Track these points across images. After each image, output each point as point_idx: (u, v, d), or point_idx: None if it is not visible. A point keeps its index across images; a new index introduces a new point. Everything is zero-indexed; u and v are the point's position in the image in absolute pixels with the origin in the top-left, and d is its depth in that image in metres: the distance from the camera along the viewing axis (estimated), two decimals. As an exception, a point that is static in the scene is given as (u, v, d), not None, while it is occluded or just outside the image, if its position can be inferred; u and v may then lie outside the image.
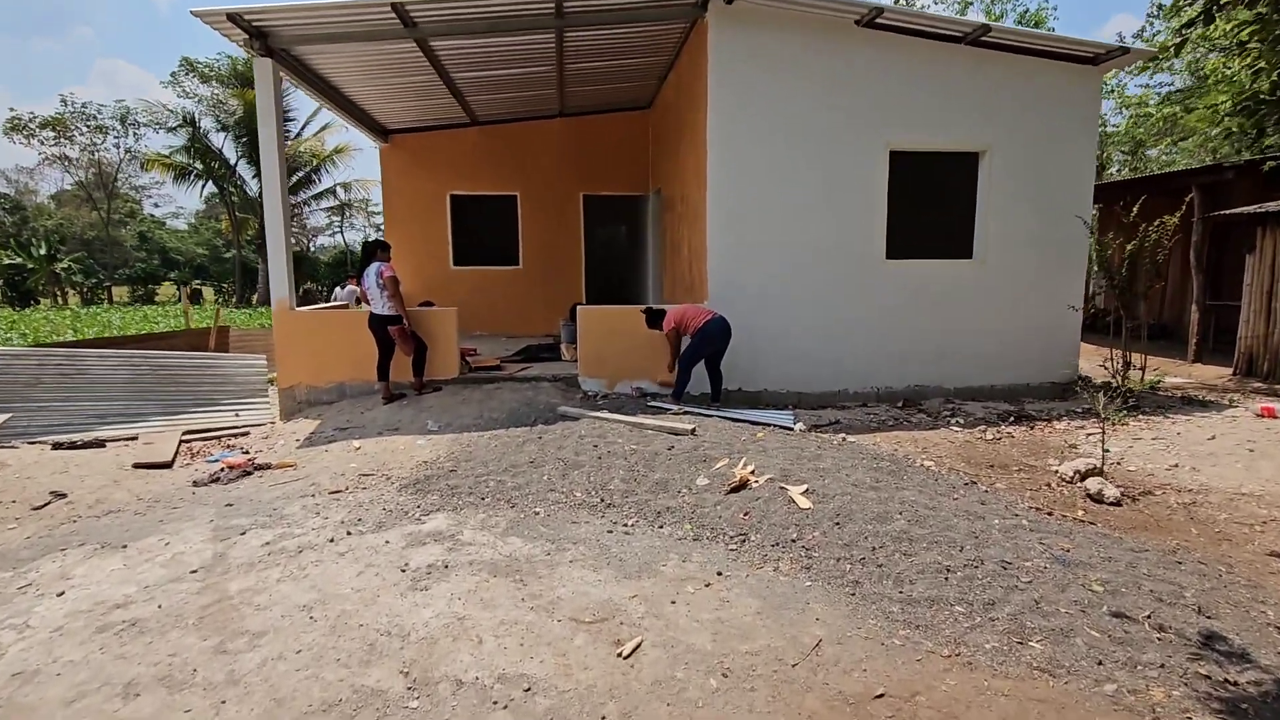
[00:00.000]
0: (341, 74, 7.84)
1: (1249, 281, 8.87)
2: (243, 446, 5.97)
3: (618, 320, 7.07)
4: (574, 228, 11.22)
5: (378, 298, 6.38)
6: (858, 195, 7.12)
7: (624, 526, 4.01)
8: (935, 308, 7.36)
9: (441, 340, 6.90)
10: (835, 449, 5.24)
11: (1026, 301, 7.48)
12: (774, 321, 7.12)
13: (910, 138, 7.10)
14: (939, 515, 3.85)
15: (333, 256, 33.61)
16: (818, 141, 6.98)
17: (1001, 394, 7.55)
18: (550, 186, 11.05)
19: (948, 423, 6.54)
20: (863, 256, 7.21)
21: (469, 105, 9.65)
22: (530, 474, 4.80)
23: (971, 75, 7.08)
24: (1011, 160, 7.25)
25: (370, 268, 6.41)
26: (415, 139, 10.79)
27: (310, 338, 6.82)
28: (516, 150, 10.93)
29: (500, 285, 11.11)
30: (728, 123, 6.85)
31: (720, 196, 6.93)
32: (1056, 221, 7.41)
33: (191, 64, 26.19)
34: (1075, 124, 7.31)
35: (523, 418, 6.12)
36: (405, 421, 6.15)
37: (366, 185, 29.81)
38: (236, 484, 5.05)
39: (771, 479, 4.41)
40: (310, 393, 6.87)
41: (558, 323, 10.96)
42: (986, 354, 7.48)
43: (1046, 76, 7.19)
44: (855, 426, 6.37)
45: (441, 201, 10.97)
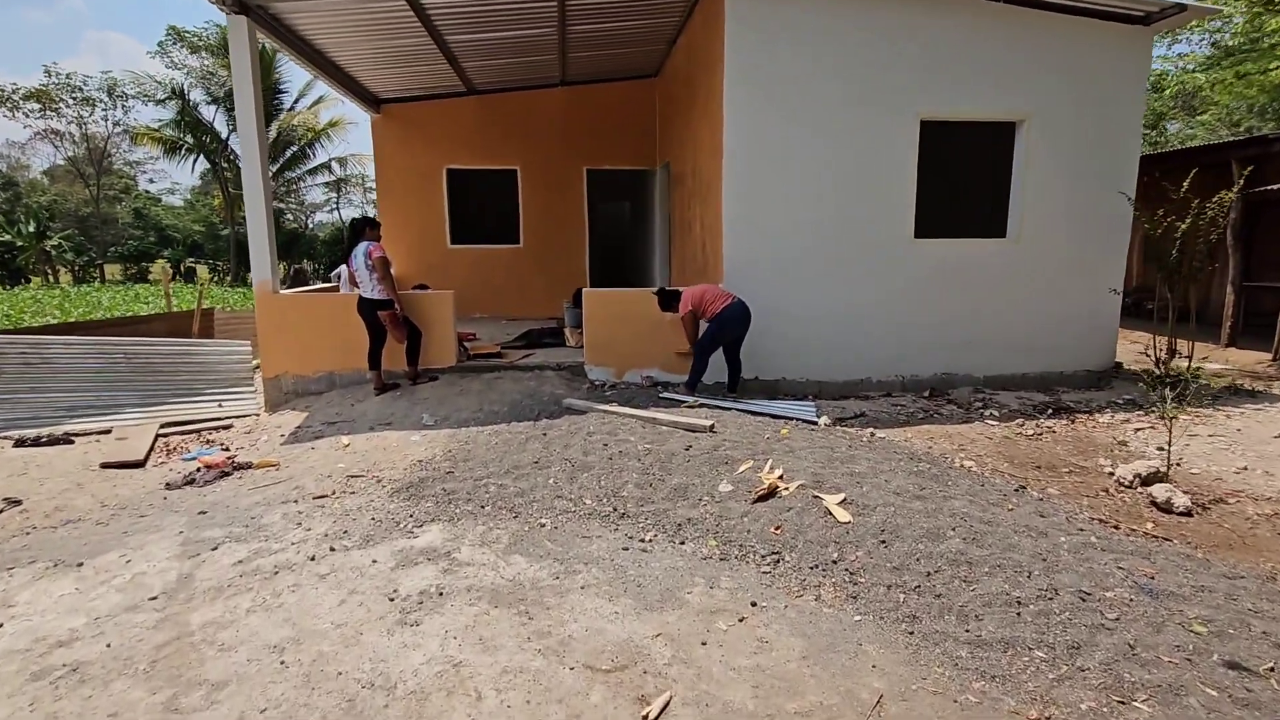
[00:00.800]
0: (326, 36, 7.25)
1: (1294, 262, 8.36)
2: (223, 442, 5.53)
3: (626, 304, 6.59)
4: (577, 204, 10.67)
5: (366, 280, 5.89)
6: (885, 169, 6.59)
7: (641, 542, 3.57)
8: (965, 290, 6.87)
9: (438, 326, 6.43)
10: (867, 448, 4.80)
11: (1063, 284, 6.98)
12: (794, 305, 6.63)
13: (943, 107, 6.55)
14: (997, 531, 3.42)
15: (330, 234, 32.96)
16: (842, 110, 6.43)
17: (1033, 383, 7.09)
18: (552, 160, 10.48)
19: (981, 415, 6.09)
20: (889, 235, 6.70)
21: (465, 72, 9.05)
22: (535, 477, 4.36)
23: (1010, 38, 6.50)
24: (1052, 131, 6.70)
25: (358, 247, 5.91)
26: (409, 109, 10.20)
27: (296, 323, 6.34)
28: (516, 122, 10.34)
29: (500, 265, 10.60)
30: (744, 89, 6.29)
31: (736, 170, 6.40)
32: (1098, 198, 6.88)
33: (179, 33, 25.30)
34: (1121, 91, 6.74)
35: (525, 411, 5.67)
36: (399, 415, 5.70)
37: (363, 160, 29.06)
38: (213, 486, 4.62)
39: (803, 486, 3.96)
40: (297, 382, 6.42)
41: (560, 304, 10.48)
42: (1019, 340, 7.01)
43: (1091, 38, 6.60)
44: (883, 420, 5.92)
45: (437, 176, 10.41)
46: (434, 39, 7.49)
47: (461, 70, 8.89)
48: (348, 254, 5.99)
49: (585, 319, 6.52)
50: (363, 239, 5.95)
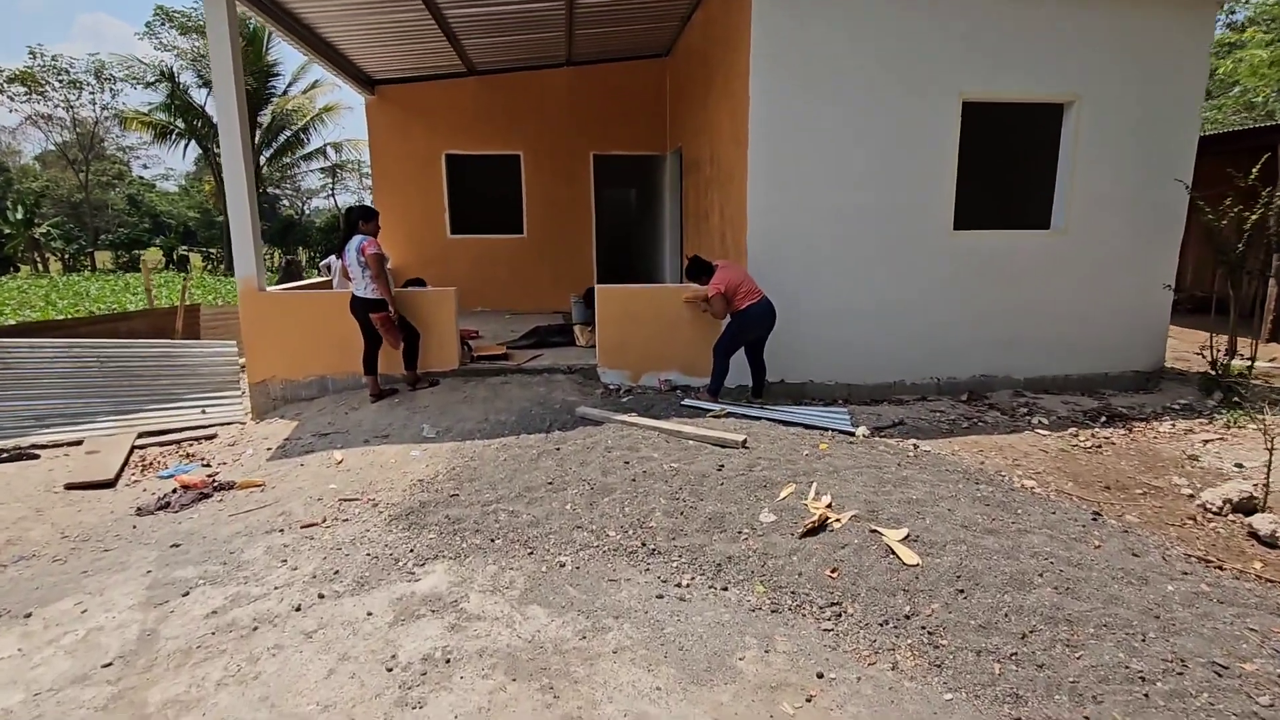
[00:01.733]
0: (314, 10, 6.68)
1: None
2: (204, 456, 5.05)
3: (643, 302, 6.09)
4: (584, 191, 10.12)
5: (359, 277, 5.39)
6: (923, 154, 6.06)
7: (677, 586, 3.10)
8: (1007, 286, 6.36)
9: (439, 326, 5.93)
10: (918, 466, 4.33)
11: (1111, 278, 6.48)
12: (823, 302, 6.13)
13: (987, 86, 6.01)
14: (1090, 577, 2.95)
15: (326, 220, 32.30)
16: (877, 90, 5.89)
17: (1077, 384, 6.62)
18: (558, 145, 9.92)
19: (1029, 422, 5.62)
20: (926, 227, 6.18)
21: (465, 51, 8.47)
22: (549, 502, 3.89)
23: (1061, 10, 5.94)
24: (1102, 113, 6.17)
25: (352, 240, 5.39)
26: (405, 91, 9.62)
27: (285, 324, 5.84)
28: (519, 104, 9.77)
29: (502, 256, 10.07)
30: (772, 67, 5.75)
31: (763, 155, 5.88)
32: (1150, 186, 6.36)
33: (168, 13, 24.52)
34: (1179, 69, 6.20)
35: (535, 421, 5.19)
36: (397, 425, 5.22)
37: (359, 145, 28.35)
38: (191, 511, 4.14)
39: (857, 517, 3.49)
40: (286, 388, 5.93)
41: (567, 298, 9.96)
42: (1063, 339, 6.52)
43: (1147, 11, 6.05)
44: (924, 429, 5.45)
45: (436, 162, 9.85)
46: (432, 14, 6.92)
47: (461, 48, 8.32)
48: (342, 246, 5.48)
49: (599, 318, 6.02)
50: (357, 232, 5.43)
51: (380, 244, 5.42)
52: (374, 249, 5.29)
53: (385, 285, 5.32)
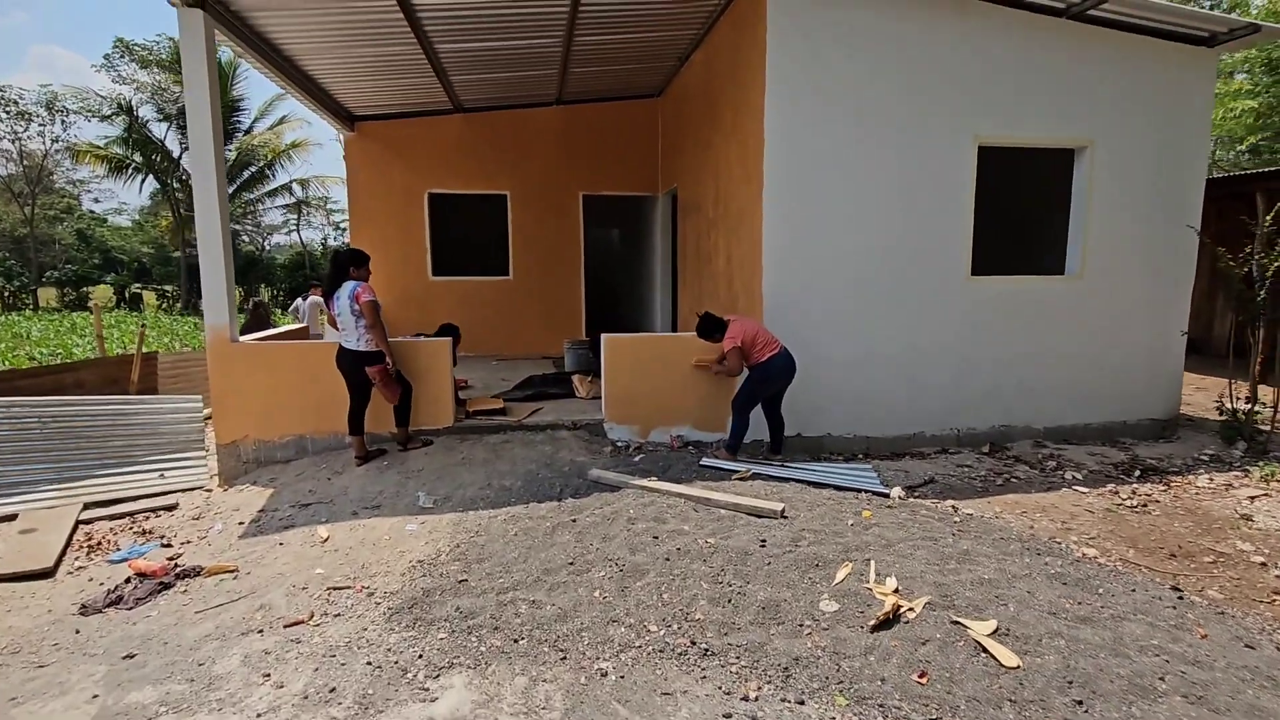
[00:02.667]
0: (297, 41, 6.28)
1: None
2: (164, 534, 4.41)
3: (652, 351, 5.70)
4: (573, 232, 9.79)
5: (351, 328, 4.88)
6: (940, 198, 5.89)
7: (745, 700, 2.64)
8: (1025, 333, 6.17)
9: (433, 379, 5.43)
10: (972, 536, 3.97)
11: (1127, 324, 6.35)
12: (841, 351, 5.84)
13: (1002, 130, 5.90)
14: (1216, 678, 2.59)
15: (290, 258, 31.37)
16: (894, 132, 5.72)
17: (1096, 434, 6.42)
18: (546, 184, 9.60)
19: (1062, 478, 5.35)
20: (944, 272, 5.98)
21: (453, 87, 8.15)
22: (575, 588, 3.40)
23: (1072, 57, 5.91)
24: (1115, 158, 6.11)
25: (343, 287, 4.90)
26: (387, 127, 9.23)
27: (259, 378, 5.27)
28: (507, 143, 9.46)
29: (488, 298, 9.62)
30: (789, 108, 5.54)
31: (780, 197, 5.62)
32: (1161, 231, 6.30)
33: (128, 45, 23.78)
34: (1184, 116, 6.20)
35: (544, 485, 4.70)
36: (388, 493, 4.67)
37: (325, 182, 27.77)
38: (149, 606, 3.53)
39: (930, 603, 3.09)
40: (260, 449, 5.33)
41: (556, 343, 9.55)
42: (1081, 387, 6.33)
43: (1154, 60, 6.06)
44: (957, 487, 5.12)
45: (418, 201, 9.43)
46: (422, 47, 6.58)
47: (449, 85, 7.99)
48: (329, 291, 4.98)
49: (605, 369, 5.60)
50: (348, 277, 4.94)
51: (374, 289, 4.94)
52: (369, 296, 4.81)
53: (382, 335, 4.82)
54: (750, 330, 5.19)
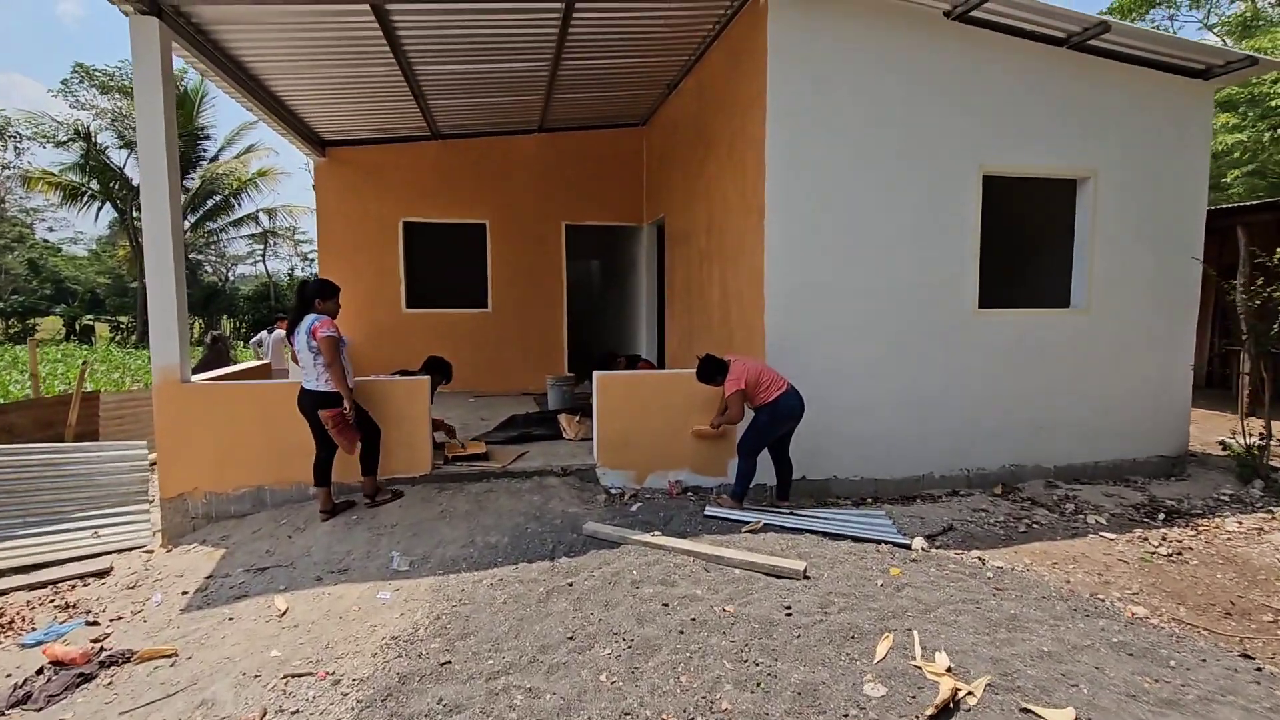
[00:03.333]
0: (265, 60, 5.88)
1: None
2: (91, 607, 3.81)
3: (650, 391, 5.30)
4: (554, 263, 9.41)
5: (310, 365, 4.39)
6: (945, 229, 5.67)
7: (795, 823, 2.19)
8: (1033, 369, 5.94)
9: (409, 423, 4.94)
10: (1015, 597, 3.61)
11: (1134, 358, 6.16)
12: (848, 389, 5.51)
13: (1007, 160, 5.73)
14: (1340, 780, 2.23)
15: (254, 289, 30.41)
16: (898, 162, 5.51)
17: (1106, 472, 6.17)
18: (527, 214, 9.25)
19: (1084, 523, 5.04)
20: (951, 306, 5.73)
21: (432, 112, 7.80)
22: (577, 670, 2.93)
23: (1074, 86, 5.80)
24: (1117, 189, 5.98)
25: (303, 321, 4.42)
26: (360, 153, 8.81)
27: (212, 422, 4.72)
28: (486, 170, 9.11)
29: (464, 332, 9.15)
30: (791, 138, 5.29)
31: (783, 229, 5.33)
32: (1164, 263, 6.17)
33: (87, 71, 23.05)
34: (1184, 148, 6.13)
35: (534, 542, 4.22)
36: (358, 554, 4.13)
37: (293, 211, 27.11)
38: (62, 704, 2.94)
39: (991, 685, 2.69)
40: (210, 502, 4.75)
41: (537, 378, 9.11)
42: (1089, 424, 6.09)
43: (1153, 91, 5.99)
44: (978, 535, 4.78)
45: (392, 229, 8.98)
46: (401, 69, 6.23)
47: (428, 109, 7.64)
48: (292, 325, 4.49)
49: (598, 410, 5.18)
50: (311, 310, 4.47)
51: (337, 325, 4.46)
52: (327, 330, 4.32)
53: (340, 375, 4.32)
54: (753, 370, 4.84)
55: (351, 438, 4.45)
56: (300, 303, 4.49)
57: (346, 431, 4.40)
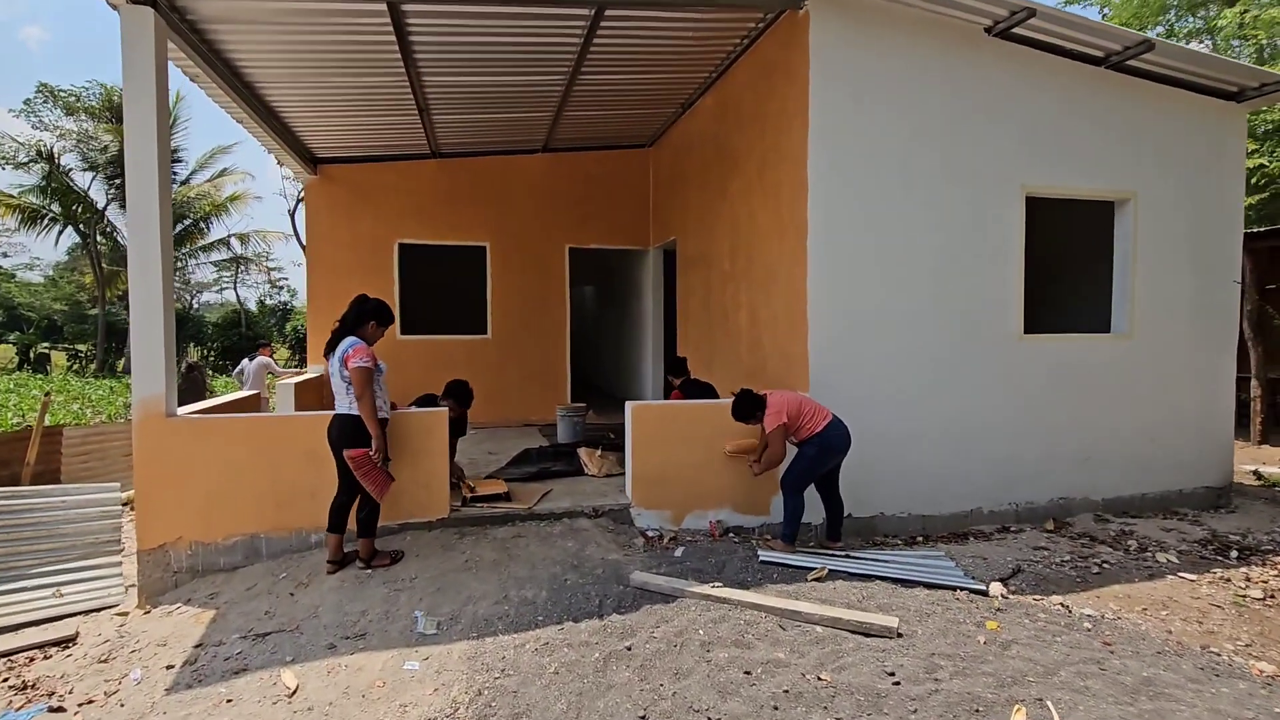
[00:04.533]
0: (263, 66, 5.44)
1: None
2: (53, 686, 3.19)
3: (688, 422, 4.87)
4: (558, 288, 9.00)
5: (343, 394, 3.90)
6: (989, 252, 5.42)
7: None
8: (1079, 397, 5.67)
9: (427, 459, 4.43)
10: (1132, 652, 3.22)
11: (1178, 386, 5.95)
12: (895, 420, 5.16)
13: (1048, 180, 5.53)
14: None
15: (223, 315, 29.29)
16: (942, 181, 5.26)
17: (1154, 504, 5.89)
18: (529, 236, 8.85)
19: (1154, 560, 4.72)
20: (996, 332, 5.45)
21: (434, 128, 7.40)
22: (664, 763, 2.44)
23: (1113, 107, 5.66)
24: (1155, 211, 5.82)
25: (341, 345, 3.93)
26: (354, 171, 8.35)
27: (201, 460, 4.15)
28: (486, 191, 8.71)
29: (462, 359, 8.63)
30: (835, 151, 5.01)
31: (825, 248, 5.01)
32: (1205, 287, 6.00)
33: (52, 91, 22.20)
34: (1220, 170, 6.01)
35: (577, 596, 3.71)
36: (375, 613, 3.58)
37: (266, 237, 26.28)
38: (24, 823, 2.35)
39: (1165, 773, 2.28)
40: (197, 553, 4.15)
41: (539, 409, 8.64)
42: (1136, 454, 5.83)
43: (1190, 112, 5.88)
44: (1048, 576, 4.41)
45: (387, 251, 8.49)
46: (409, 78, 5.84)
47: (430, 125, 7.24)
48: (330, 345, 3.99)
49: (633, 444, 4.73)
50: (354, 331, 3.98)
51: (374, 354, 3.96)
52: (360, 361, 3.81)
53: (371, 410, 3.81)
54: (793, 402, 4.45)
55: (380, 482, 3.90)
56: (343, 322, 3.99)
57: (374, 475, 3.86)
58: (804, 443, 4.49)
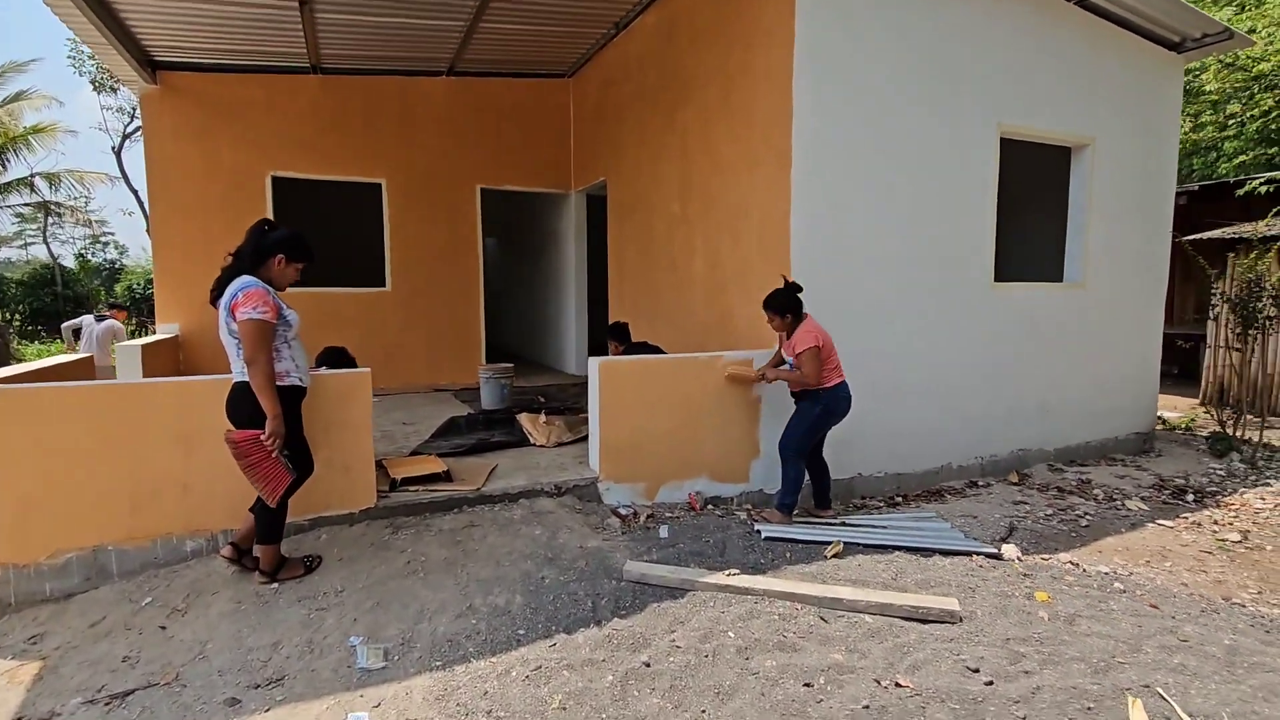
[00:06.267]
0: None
1: (1217, 309, 8.54)
2: None
3: (664, 381, 4.17)
4: (468, 234, 7.89)
5: (235, 358, 2.83)
6: (968, 193, 5.09)
7: None
8: (1042, 348, 5.57)
9: (348, 433, 3.43)
10: (1186, 615, 2.98)
11: (1123, 335, 6.04)
12: (880, 374, 4.74)
13: (1022, 121, 5.26)
14: None
15: (27, 274, 24.63)
16: (925, 114, 4.83)
17: (1095, 452, 5.99)
18: (434, 175, 7.64)
19: (1126, 508, 4.69)
20: (970, 280, 5.18)
21: (316, 31, 6.02)
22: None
23: (1079, 49, 5.48)
24: (1109, 160, 5.76)
25: (232, 286, 2.82)
26: (210, 83, 6.73)
27: (6, 450, 2.92)
28: (382, 118, 7.38)
29: (356, 317, 7.38)
30: (821, 69, 4.40)
31: (810, 180, 4.43)
32: (1148, 237, 6.10)
33: None
34: (1162, 122, 6.07)
35: (561, 598, 2.95)
36: (291, 647, 2.63)
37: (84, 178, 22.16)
38: None
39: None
40: (9, 580, 2.94)
41: (450, 371, 7.65)
42: (1088, 404, 5.87)
43: (1140, 59, 5.85)
44: (1043, 534, 4.20)
45: (256, 186, 6.99)
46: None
47: (312, 25, 5.86)
48: (217, 290, 2.87)
49: (602, 408, 3.98)
50: (254, 270, 2.88)
51: (272, 297, 2.88)
52: (252, 311, 2.73)
53: (266, 376, 2.77)
54: (826, 338, 3.88)
55: (275, 478, 2.85)
56: (237, 257, 2.87)
57: (264, 468, 2.82)
58: (808, 398, 3.94)
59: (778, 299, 3.87)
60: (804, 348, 3.76)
